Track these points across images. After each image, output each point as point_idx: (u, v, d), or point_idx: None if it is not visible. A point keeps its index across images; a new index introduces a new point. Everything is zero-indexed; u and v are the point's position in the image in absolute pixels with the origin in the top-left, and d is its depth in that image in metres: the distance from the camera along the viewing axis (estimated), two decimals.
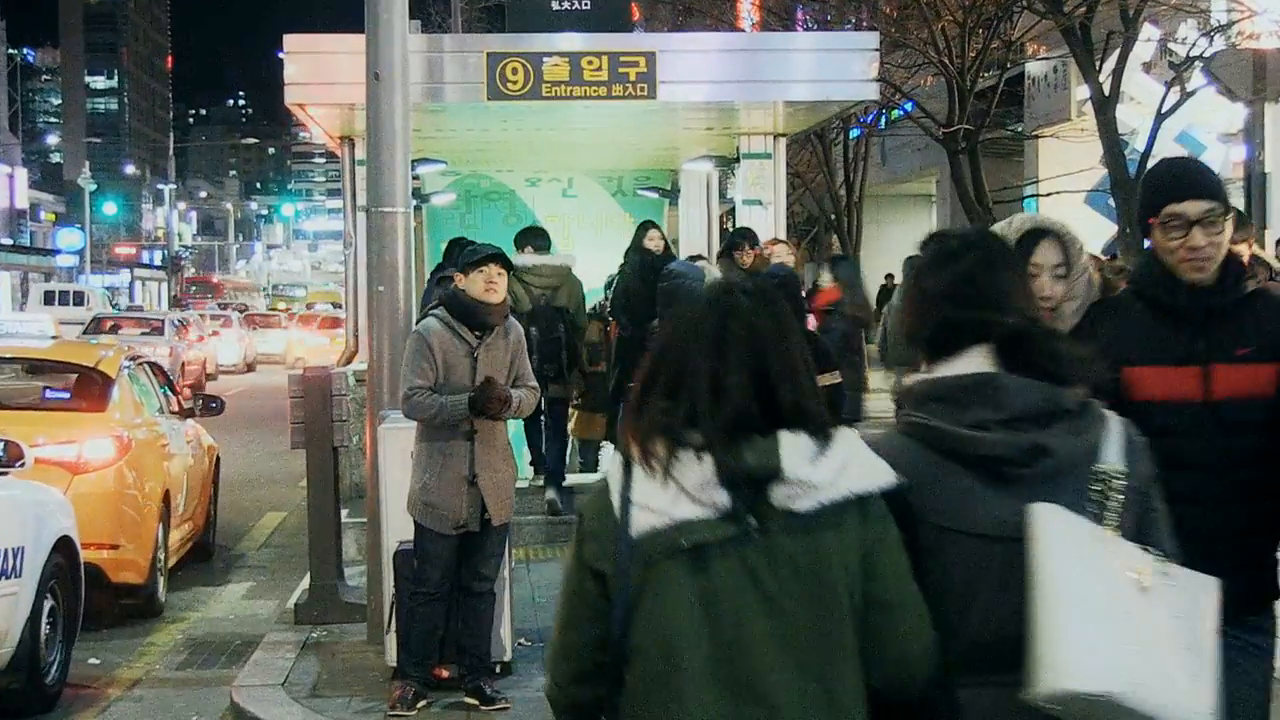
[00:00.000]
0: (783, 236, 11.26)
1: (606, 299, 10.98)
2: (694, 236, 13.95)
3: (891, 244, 35.06)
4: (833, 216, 30.95)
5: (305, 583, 8.92)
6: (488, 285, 6.62)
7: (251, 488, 15.26)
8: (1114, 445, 2.59)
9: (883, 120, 30.20)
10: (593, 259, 11.71)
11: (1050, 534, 2.46)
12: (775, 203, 12.03)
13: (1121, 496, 2.55)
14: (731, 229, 12.37)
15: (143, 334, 29.99)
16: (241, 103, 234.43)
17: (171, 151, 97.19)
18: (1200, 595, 2.61)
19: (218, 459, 11.93)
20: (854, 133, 29.71)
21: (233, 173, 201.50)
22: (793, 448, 2.39)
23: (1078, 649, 2.42)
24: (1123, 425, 2.64)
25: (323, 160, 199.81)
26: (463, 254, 6.90)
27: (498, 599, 6.95)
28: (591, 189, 14.26)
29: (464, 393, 6.54)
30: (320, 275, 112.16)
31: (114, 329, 30.59)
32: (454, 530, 6.60)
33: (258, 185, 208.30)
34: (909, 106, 24.14)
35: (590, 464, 11.48)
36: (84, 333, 29.48)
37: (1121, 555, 2.52)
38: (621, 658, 2.43)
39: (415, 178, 11.99)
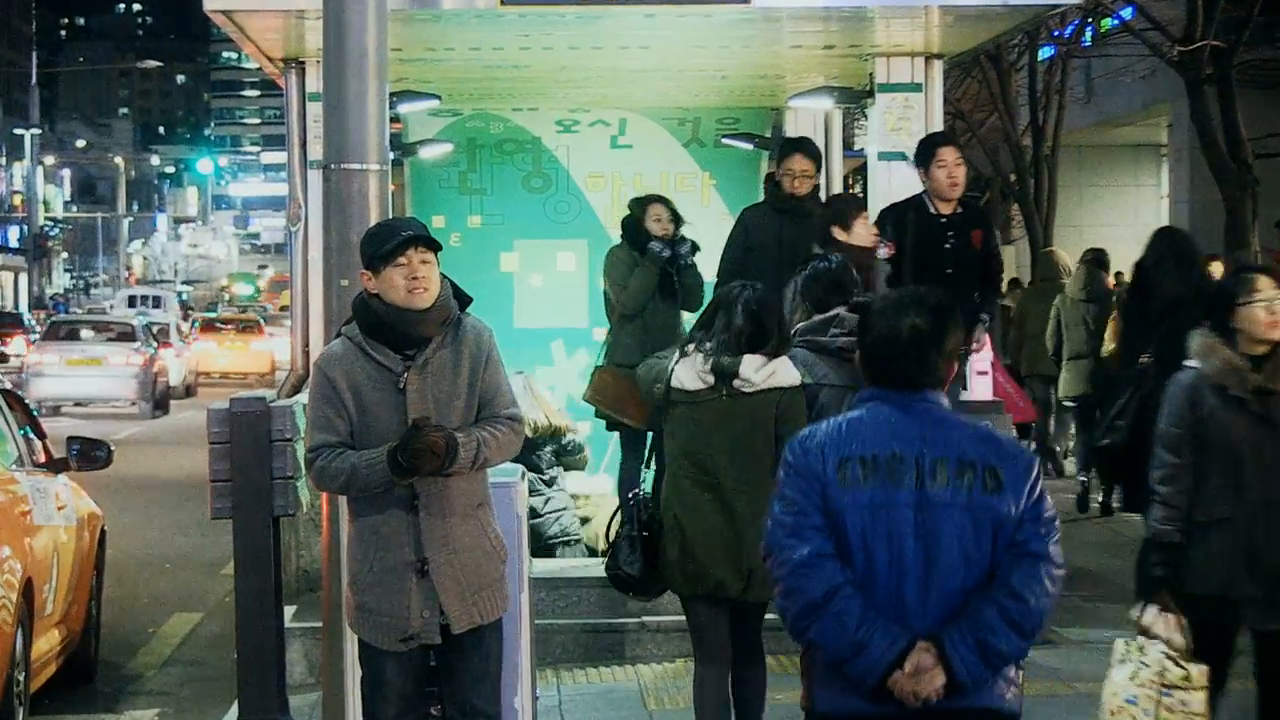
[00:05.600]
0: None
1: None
2: None
3: (1100, 216, 34.93)
4: (1013, 177, 30.95)
5: (232, 715, 9.00)
6: (411, 283, 6.40)
7: (153, 576, 15.37)
8: None
9: (1089, 35, 30.16)
10: None
11: None
12: None
13: None
14: (862, 192, 12.38)
15: (108, 340, 35.83)
16: (137, 8, 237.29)
17: (35, 80, 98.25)
18: None
19: (103, 533, 12.02)
20: (1045, 53, 29.70)
21: (124, 111, 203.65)
22: (748, 362, 7.96)
23: None
24: None
25: (257, 94, 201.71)
26: (366, 241, 6.65)
27: None
28: (653, 136, 14.32)
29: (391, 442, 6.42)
30: (251, 261, 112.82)
31: (71, 335, 36.66)
32: (402, 644, 6.55)
33: (160, 131, 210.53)
34: (1128, 14, 24.12)
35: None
36: (42, 339, 37.01)
37: None
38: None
39: (395, 120, 12.09)
